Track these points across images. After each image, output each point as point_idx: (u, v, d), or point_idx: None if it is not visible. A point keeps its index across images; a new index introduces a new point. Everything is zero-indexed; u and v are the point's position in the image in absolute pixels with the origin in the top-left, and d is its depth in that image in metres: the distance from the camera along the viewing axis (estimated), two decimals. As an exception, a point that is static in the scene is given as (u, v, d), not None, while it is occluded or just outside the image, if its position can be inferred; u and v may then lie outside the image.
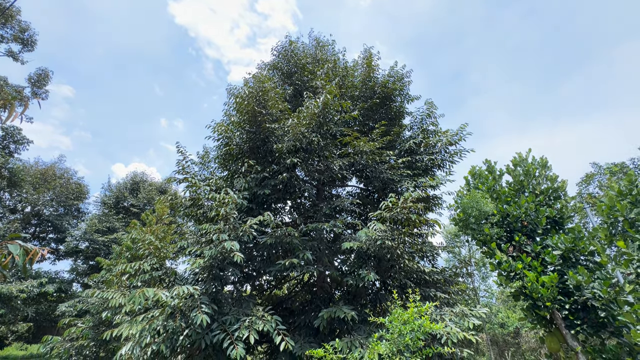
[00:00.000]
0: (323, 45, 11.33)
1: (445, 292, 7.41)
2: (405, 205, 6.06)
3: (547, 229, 8.80)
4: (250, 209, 7.78)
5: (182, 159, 7.84)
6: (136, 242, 9.05)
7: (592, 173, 19.93)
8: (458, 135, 8.62)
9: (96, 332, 9.77)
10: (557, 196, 9.11)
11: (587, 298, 6.78)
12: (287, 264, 6.22)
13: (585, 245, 7.51)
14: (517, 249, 8.75)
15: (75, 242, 22.18)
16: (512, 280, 8.19)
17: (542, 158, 9.45)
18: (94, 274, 13.72)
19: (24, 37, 17.66)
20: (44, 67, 18.52)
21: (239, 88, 8.49)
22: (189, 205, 7.54)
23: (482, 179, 10.15)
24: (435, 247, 8.61)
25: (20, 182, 18.74)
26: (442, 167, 8.89)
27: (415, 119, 9.71)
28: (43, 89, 18.88)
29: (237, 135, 8.38)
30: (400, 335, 4.31)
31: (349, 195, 10.70)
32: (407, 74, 9.61)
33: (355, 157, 7.96)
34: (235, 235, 6.12)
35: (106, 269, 11.75)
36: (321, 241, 7.43)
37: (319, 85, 8.28)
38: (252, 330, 5.15)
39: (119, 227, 22.31)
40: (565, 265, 7.69)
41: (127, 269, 7.23)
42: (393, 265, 7.03)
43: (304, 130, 7.35)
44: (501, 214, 9.04)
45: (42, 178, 22.71)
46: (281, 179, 7.43)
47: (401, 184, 8.02)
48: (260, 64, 11.19)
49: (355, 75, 10.24)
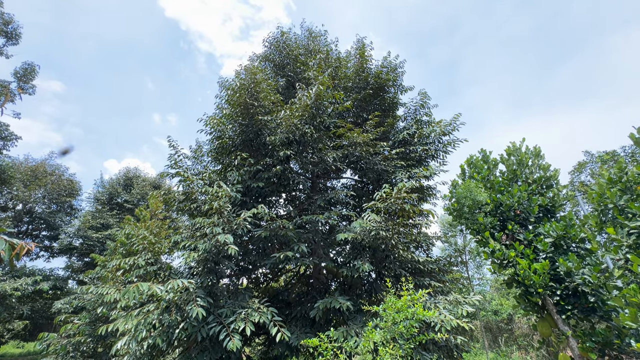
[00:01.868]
0: (315, 36, 11.18)
1: (440, 281, 7.50)
2: (399, 195, 6.08)
3: (539, 217, 8.92)
4: (244, 202, 7.75)
5: (174, 153, 7.74)
6: (130, 237, 8.99)
7: (584, 161, 20.15)
8: (452, 125, 8.61)
9: (93, 328, 9.76)
10: (549, 185, 9.21)
11: (577, 284, 6.92)
12: (282, 257, 6.23)
13: (576, 232, 7.63)
14: (510, 238, 8.86)
15: (69, 239, 21.97)
16: (505, 267, 8.32)
17: (535, 147, 9.52)
18: (89, 270, 13.64)
19: (8, 30, 17.15)
20: (31, 61, 18.07)
21: (230, 80, 8.37)
22: (183, 199, 7.48)
23: (477, 168, 10.22)
24: (430, 237, 8.69)
25: (9, 179, 18.41)
26: (436, 158, 8.91)
27: (409, 110, 9.69)
28: (30, 83, 18.42)
29: (230, 128, 8.29)
30: (394, 324, 4.36)
31: (343, 187, 10.70)
32: (400, 64, 9.55)
33: (349, 148, 7.94)
34: (229, 228, 6.09)
35: (101, 265, 11.68)
36: (316, 233, 7.44)
37: (312, 77, 8.19)
38: (248, 322, 5.17)
39: (113, 223, 22.12)
40: (557, 253, 7.82)
41: (122, 265, 7.19)
42: (388, 256, 7.08)
43: (297, 122, 7.29)
44: (494, 203, 9.13)
45: (33, 175, 22.35)
46: (275, 172, 7.39)
47: (395, 175, 8.03)
48: (252, 56, 11.03)
49: (348, 67, 10.14)
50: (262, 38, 10.97)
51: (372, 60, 9.69)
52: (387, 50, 56.90)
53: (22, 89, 17.52)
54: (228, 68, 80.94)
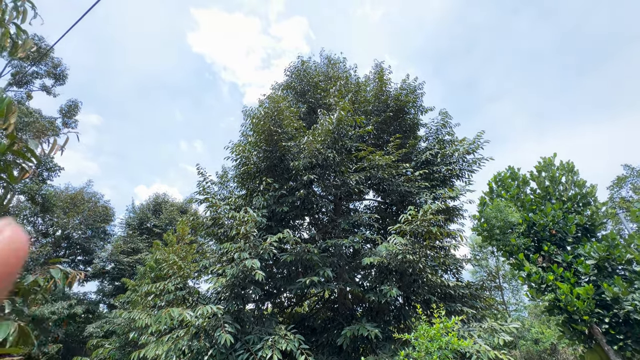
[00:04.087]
0: (334, 63, 11.60)
1: (472, 307, 7.12)
2: (425, 218, 5.97)
3: (577, 237, 8.38)
4: (269, 226, 7.87)
5: (202, 180, 8.09)
6: (159, 262, 9.29)
7: (624, 175, 18.92)
8: (475, 143, 8.48)
9: (122, 352, 9.95)
10: (586, 202, 8.71)
11: (628, 311, 6.34)
12: (308, 282, 6.20)
13: (621, 253, 7.09)
14: (547, 259, 8.35)
15: (102, 263, 22.92)
16: (544, 292, 7.79)
17: (568, 162, 9.11)
18: (119, 294, 14.08)
19: (57, 72, 19.06)
20: (74, 98, 19.85)
21: (254, 109, 8.78)
22: (210, 224, 7.71)
23: (505, 186, 9.86)
24: (459, 259, 8.35)
25: (52, 207, 19.76)
26: (461, 177, 8.73)
27: (430, 130, 9.66)
28: (73, 118, 20.16)
29: (254, 155, 8.59)
30: (428, 353, 4.17)
31: (366, 209, 10.63)
32: (419, 86, 9.66)
33: (371, 171, 7.97)
34: (255, 253, 6.19)
35: (131, 289, 12.06)
36: (341, 257, 7.38)
37: (333, 102, 8.43)
38: (275, 349, 5.12)
39: (143, 247, 22.92)
40: (601, 276, 7.26)
41: (152, 289, 7.41)
42: (416, 280, 6.86)
43: (319, 146, 7.46)
44: (527, 223, 8.70)
45: (72, 202, 23.86)
46: (298, 196, 7.51)
47: (419, 196, 7.91)
48: (274, 85, 11.55)
49: (367, 90, 10.37)
50: (284, 68, 11.51)
51: (391, 83, 9.88)
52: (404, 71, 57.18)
53: (67, 124, 19.09)
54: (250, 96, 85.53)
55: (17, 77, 17.05)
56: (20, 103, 16.44)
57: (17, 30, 2.77)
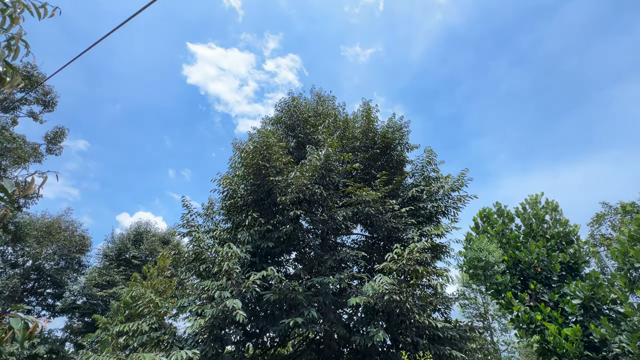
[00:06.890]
0: (324, 100, 12.04)
1: (462, 350, 6.89)
2: (411, 256, 5.94)
3: (562, 276, 8.45)
4: (253, 262, 7.64)
5: (187, 213, 7.92)
6: (136, 299, 8.76)
7: (603, 213, 19.57)
8: (460, 181, 8.70)
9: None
10: (569, 240, 8.89)
11: (616, 353, 6.26)
12: (291, 324, 5.93)
13: (605, 293, 7.14)
14: (534, 298, 8.31)
15: (72, 297, 21.44)
16: (532, 333, 7.67)
17: (552, 202, 9.40)
18: (88, 333, 13.04)
19: (46, 99, 19.02)
20: (61, 125, 19.65)
21: (244, 143, 8.87)
22: (192, 259, 7.44)
23: (491, 222, 10.00)
24: (447, 298, 8.21)
25: (25, 236, 18.75)
26: (447, 214, 8.83)
27: (416, 167, 9.91)
28: (58, 145, 19.83)
29: (242, 188, 8.54)
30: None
31: (354, 244, 10.51)
32: (405, 124, 10.04)
33: (358, 206, 8.00)
34: (237, 291, 5.94)
35: (102, 327, 11.21)
36: (327, 295, 7.15)
37: (321, 139, 8.63)
38: (254, 400, 4.74)
39: (119, 280, 21.68)
40: (587, 316, 7.24)
41: (125, 329, 6.91)
42: (403, 321, 6.66)
43: (307, 182, 7.51)
44: (512, 260, 8.75)
45: (47, 231, 22.72)
46: (285, 231, 7.40)
47: (406, 232, 7.92)
48: (264, 119, 11.81)
49: (355, 127, 10.70)
50: (275, 103, 11.86)
51: (378, 121, 10.24)
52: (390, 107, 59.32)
53: (51, 150, 18.74)
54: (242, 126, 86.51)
55: (3, 103, 16.91)
56: (4, 129, 16.13)
57: (6, 67, 2.79)
